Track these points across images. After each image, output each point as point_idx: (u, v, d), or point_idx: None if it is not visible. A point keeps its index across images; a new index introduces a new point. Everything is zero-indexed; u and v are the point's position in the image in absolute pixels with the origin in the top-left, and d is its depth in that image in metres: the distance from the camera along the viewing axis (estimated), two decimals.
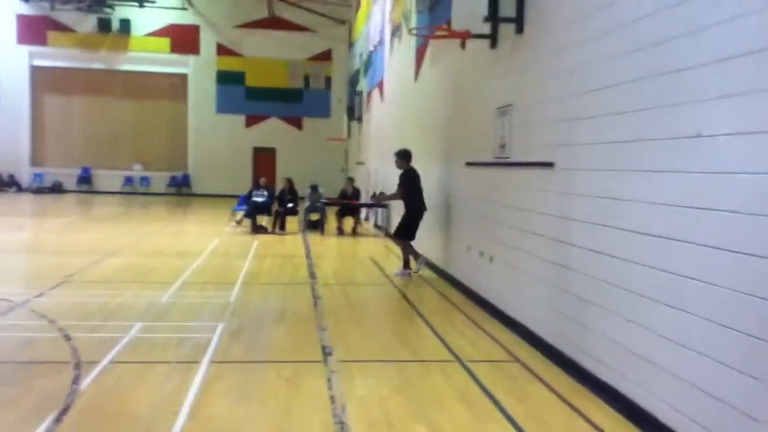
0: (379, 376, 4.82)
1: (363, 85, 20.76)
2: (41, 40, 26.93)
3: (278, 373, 4.83)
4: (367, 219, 16.81)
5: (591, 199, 4.72)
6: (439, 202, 9.51)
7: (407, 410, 4.15)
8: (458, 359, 5.27)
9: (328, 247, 12.37)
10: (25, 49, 26.90)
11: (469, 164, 7.98)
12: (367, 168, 17.96)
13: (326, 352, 5.37)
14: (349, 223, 14.84)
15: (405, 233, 9.31)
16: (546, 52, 5.68)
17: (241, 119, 28.13)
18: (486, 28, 7.05)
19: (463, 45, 8.28)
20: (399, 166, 9.39)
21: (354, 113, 21.74)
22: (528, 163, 6.02)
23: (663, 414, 3.72)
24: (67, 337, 5.53)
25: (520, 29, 6.29)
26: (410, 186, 9.24)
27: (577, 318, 4.86)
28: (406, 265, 9.24)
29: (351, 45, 25.59)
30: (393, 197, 9.72)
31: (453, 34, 8.01)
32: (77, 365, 4.81)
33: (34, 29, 26.84)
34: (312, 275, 9.19)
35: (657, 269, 3.83)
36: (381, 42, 16.56)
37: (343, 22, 26.96)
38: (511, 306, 6.38)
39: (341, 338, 5.84)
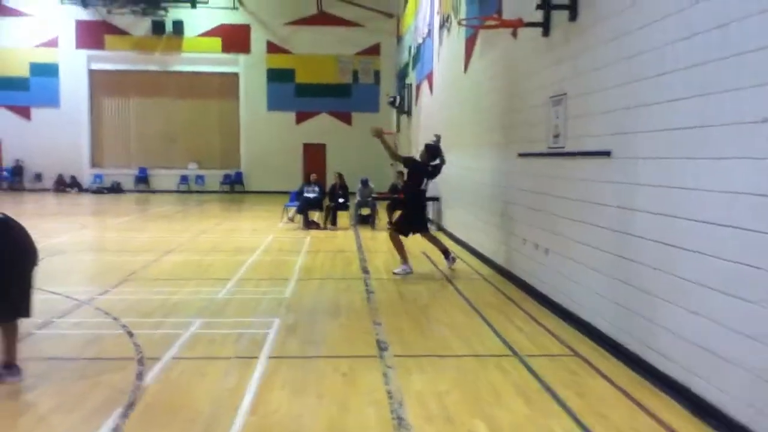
0: (436, 371, 4.79)
1: (412, 78, 20.68)
2: (99, 44, 27.79)
3: (334, 368, 4.86)
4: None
5: (652, 188, 4.57)
6: (492, 195, 9.40)
7: (465, 405, 4.11)
8: (516, 354, 5.19)
9: (380, 241, 12.38)
10: (84, 54, 27.81)
11: (522, 155, 7.85)
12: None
13: (381, 347, 5.37)
14: None
15: (403, 227, 9.10)
16: (601, 39, 5.52)
17: (291, 116, 28.43)
18: (538, 16, 6.91)
19: (514, 34, 8.14)
20: (420, 156, 9.25)
21: (403, 106, 21.68)
22: (583, 152, 5.88)
23: (733, 409, 3.58)
24: (131, 334, 5.70)
25: (573, 16, 6.14)
26: (415, 174, 9.04)
27: (640, 311, 4.72)
28: (447, 254, 9.13)
29: (399, 38, 25.52)
30: (391, 150, 9.24)
31: (504, 23, 7.87)
32: (141, 361, 4.95)
33: (92, 34, 27.71)
34: (364, 270, 9.22)
35: (724, 259, 3.68)
36: (430, 34, 16.45)
37: (391, 16, 26.91)
38: (569, 299, 6.25)
39: (396, 333, 5.84)
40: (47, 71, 27.75)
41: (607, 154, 5.31)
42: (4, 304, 4.45)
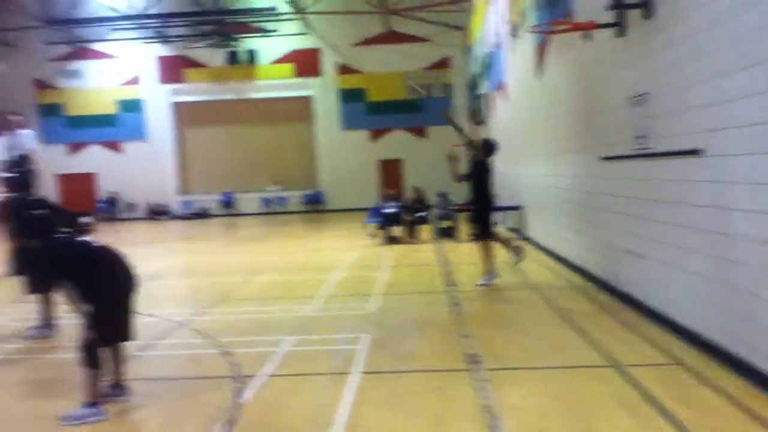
0: (531, 384, 4.69)
1: (484, 87, 20.55)
2: (179, 78, 29.10)
3: (426, 383, 4.85)
4: (496, 223, 16.54)
5: (749, 185, 4.34)
6: (576, 200, 9.17)
7: (565, 419, 4.00)
8: (614, 364, 5.01)
9: (462, 253, 12.29)
10: (167, 88, 29.19)
11: (604, 158, 7.62)
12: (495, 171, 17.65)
13: (473, 360, 5.31)
14: None
15: (488, 231, 8.84)
16: (681, 35, 5.32)
17: (366, 133, 28.77)
18: (611, 17, 6.73)
19: (587, 36, 7.96)
20: (475, 155, 8.99)
21: (476, 117, 21.54)
22: (672, 152, 5.64)
23: None
24: (227, 353, 5.88)
25: (649, 14, 5.95)
26: (479, 175, 8.86)
27: (747, 315, 4.46)
28: (515, 249, 9.07)
29: (468, 50, 25.43)
30: (457, 174, 9.06)
31: (576, 27, 7.70)
32: (238, 379, 5.09)
33: (173, 69, 29.07)
34: (449, 283, 9.16)
35: None
36: (499, 43, 16.32)
37: (458, 28, 26.87)
38: (667, 305, 5.98)
39: (487, 346, 5.76)
40: (134, 107, 29.30)
41: (698, 152, 5.08)
42: (109, 329, 4.69)
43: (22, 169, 11.71)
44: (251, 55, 28.74)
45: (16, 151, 13.94)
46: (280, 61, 28.84)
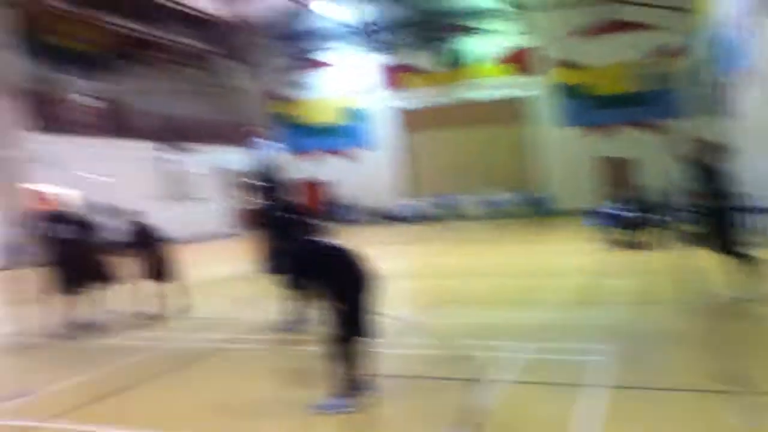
0: None
1: (724, 74, 18.46)
2: (400, 85, 30.37)
3: (682, 404, 4.44)
4: (748, 228, 14.61)
5: None
6: None
7: None
8: None
9: (705, 261, 11.09)
10: (389, 95, 30.65)
11: None
12: (744, 168, 15.75)
13: (734, 382, 4.70)
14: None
15: (733, 240, 7.54)
16: None
17: (588, 131, 27.51)
18: None
19: None
20: (701, 157, 7.86)
21: (712, 107, 19.45)
22: None
23: None
24: (459, 355, 5.93)
25: None
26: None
27: None
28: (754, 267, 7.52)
29: (700, 34, 23.05)
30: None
31: None
32: (475, 383, 5.09)
33: (394, 76, 30.43)
34: (693, 293, 8.31)
35: None
36: (744, 23, 14.54)
37: (688, 11, 24.41)
38: None
39: (750, 366, 5.07)
40: (359, 115, 31.20)
41: None
42: (353, 326, 4.95)
43: (271, 178, 13.05)
44: (466, 57, 29.03)
45: (264, 161, 15.56)
46: (496, 61, 28.76)
